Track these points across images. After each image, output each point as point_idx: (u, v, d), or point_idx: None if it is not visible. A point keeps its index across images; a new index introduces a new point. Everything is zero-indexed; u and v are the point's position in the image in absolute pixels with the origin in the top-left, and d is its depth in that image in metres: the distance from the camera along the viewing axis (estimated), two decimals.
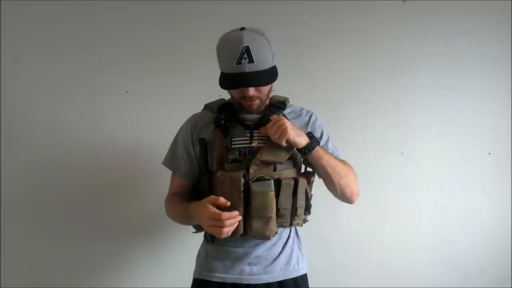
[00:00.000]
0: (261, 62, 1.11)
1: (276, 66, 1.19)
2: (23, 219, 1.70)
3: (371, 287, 1.80)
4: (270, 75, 1.15)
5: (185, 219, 1.22)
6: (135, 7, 1.75)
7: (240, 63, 1.09)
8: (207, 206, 1.08)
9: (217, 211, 1.06)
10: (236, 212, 1.08)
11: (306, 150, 1.16)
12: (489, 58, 1.84)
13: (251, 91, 1.14)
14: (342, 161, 1.25)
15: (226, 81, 1.15)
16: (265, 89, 1.18)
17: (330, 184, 1.22)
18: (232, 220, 1.07)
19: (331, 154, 1.22)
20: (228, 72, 1.13)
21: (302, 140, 1.14)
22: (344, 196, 1.25)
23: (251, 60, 1.09)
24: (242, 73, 1.10)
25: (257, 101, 1.19)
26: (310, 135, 1.18)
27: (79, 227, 1.72)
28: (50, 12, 1.72)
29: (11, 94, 1.71)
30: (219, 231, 1.07)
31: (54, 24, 1.73)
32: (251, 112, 1.21)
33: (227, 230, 1.07)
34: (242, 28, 1.14)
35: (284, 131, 1.11)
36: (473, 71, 1.84)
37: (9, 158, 1.71)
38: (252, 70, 1.10)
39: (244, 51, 1.09)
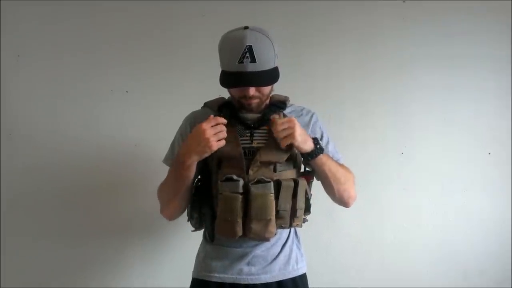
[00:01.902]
0: (263, 62, 1.10)
1: (278, 67, 1.18)
2: (23, 219, 1.71)
3: (371, 287, 1.80)
4: (271, 76, 1.15)
5: (176, 177, 1.17)
6: (135, 7, 1.75)
7: (242, 62, 1.08)
8: (201, 125, 1.10)
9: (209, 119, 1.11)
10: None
11: (309, 157, 1.16)
12: (489, 58, 1.84)
13: (252, 91, 1.13)
14: (342, 166, 1.25)
15: (227, 79, 1.14)
16: (265, 89, 1.17)
17: (329, 188, 1.23)
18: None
19: (333, 160, 1.22)
20: (229, 70, 1.12)
21: (307, 147, 1.14)
22: (341, 201, 1.27)
23: (253, 60, 1.08)
24: (243, 72, 1.09)
25: (256, 101, 1.18)
26: (315, 141, 1.17)
27: (78, 227, 1.72)
28: (50, 12, 1.73)
29: (11, 94, 1.71)
30: (223, 135, 1.10)
31: (54, 24, 1.73)
32: (250, 111, 1.20)
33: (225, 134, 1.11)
34: (246, 27, 1.13)
35: (291, 135, 1.10)
36: (473, 71, 1.84)
37: (9, 158, 1.71)
38: (253, 70, 1.09)
39: (246, 50, 1.08)
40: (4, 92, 1.71)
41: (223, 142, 1.11)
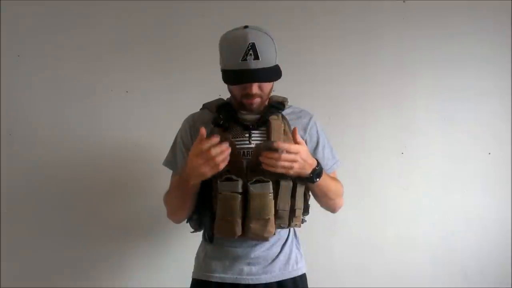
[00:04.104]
0: (266, 59, 1.11)
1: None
2: (23, 219, 1.70)
3: (371, 287, 1.80)
4: (274, 72, 1.15)
5: (182, 192, 1.17)
6: (135, 7, 1.75)
7: (246, 60, 1.09)
8: (203, 146, 1.04)
9: (199, 146, 1.04)
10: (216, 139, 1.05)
11: (300, 180, 1.16)
12: (489, 58, 1.84)
13: (254, 88, 1.14)
14: (332, 180, 1.24)
15: (230, 77, 1.14)
16: (267, 87, 1.18)
17: (317, 200, 1.26)
18: (219, 149, 1.04)
19: (323, 177, 1.17)
20: (233, 68, 1.12)
21: (302, 173, 1.12)
22: (327, 209, 1.31)
23: (256, 57, 1.09)
24: (247, 70, 1.10)
25: (258, 100, 1.18)
26: (313, 170, 1.12)
27: (78, 227, 1.72)
28: (50, 12, 1.73)
29: (11, 94, 1.71)
30: (215, 163, 1.04)
31: (54, 24, 1.73)
32: (251, 111, 1.20)
33: (219, 159, 1.04)
34: (246, 27, 1.14)
35: (289, 168, 1.07)
36: (473, 71, 1.84)
37: (9, 158, 1.71)
38: (257, 67, 1.10)
39: (250, 47, 1.08)
40: (4, 92, 1.71)
41: (227, 160, 1.08)
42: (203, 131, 1.06)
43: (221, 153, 1.05)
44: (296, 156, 1.07)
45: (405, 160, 1.83)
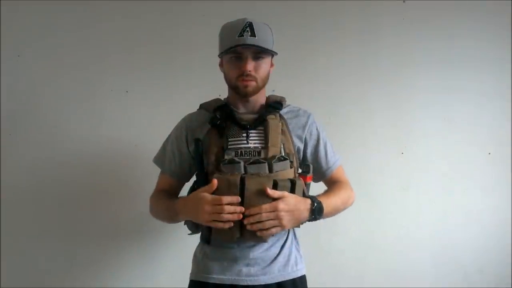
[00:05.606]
0: (263, 39, 1.14)
1: (275, 65, 1.19)
2: (22, 219, 1.70)
3: (371, 287, 1.80)
4: (270, 50, 1.18)
5: (169, 216, 1.24)
6: (135, 7, 1.75)
7: (242, 35, 1.13)
8: (204, 196, 1.09)
9: (217, 196, 1.08)
10: (237, 198, 1.08)
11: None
12: (489, 58, 1.84)
13: (250, 65, 1.15)
14: (334, 196, 1.24)
15: (226, 50, 1.16)
16: (262, 71, 1.18)
17: None
18: (233, 208, 1.07)
19: (328, 202, 1.19)
20: (229, 45, 1.14)
21: (301, 220, 1.15)
22: None
23: (253, 34, 1.13)
24: (243, 44, 1.13)
25: (253, 83, 1.17)
26: (312, 206, 1.14)
27: (78, 227, 1.72)
28: (50, 12, 1.73)
29: (11, 94, 1.71)
30: (220, 218, 1.07)
31: (54, 24, 1.73)
32: (245, 95, 1.20)
33: (228, 217, 1.07)
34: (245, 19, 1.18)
35: (280, 225, 1.10)
36: (473, 71, 1.84)
37: (9, 158, 1.71)
38: (253, 43, 1.13)
39: (247, 25, 1.14)
40: (4, 92, 1.71)
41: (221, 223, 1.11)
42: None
43: (232, 214, 1.07)
44: (276, 213, 1.08)
45: (405, 160, 1.82)
